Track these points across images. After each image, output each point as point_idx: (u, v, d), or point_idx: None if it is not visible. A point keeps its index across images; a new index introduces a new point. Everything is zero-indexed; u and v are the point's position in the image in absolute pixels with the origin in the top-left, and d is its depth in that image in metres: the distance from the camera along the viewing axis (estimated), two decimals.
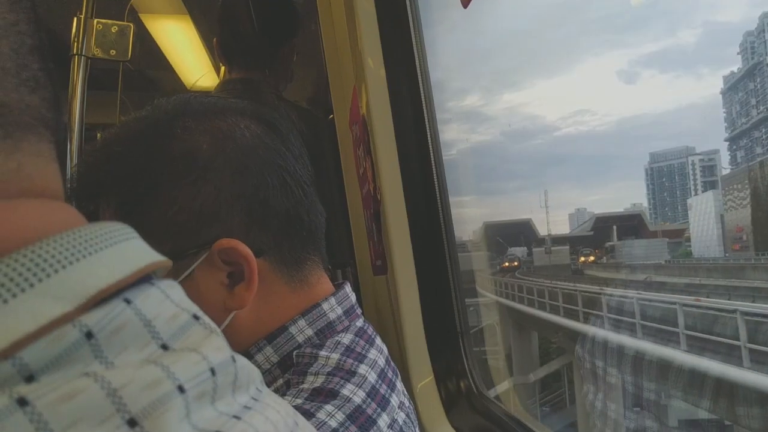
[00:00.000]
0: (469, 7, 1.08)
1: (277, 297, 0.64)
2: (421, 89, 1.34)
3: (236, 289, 0.60)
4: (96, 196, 0.61)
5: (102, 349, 0.23)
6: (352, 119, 1.51)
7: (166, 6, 2.11)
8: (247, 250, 0.59)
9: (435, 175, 1.34)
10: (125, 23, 1.53)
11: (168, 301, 0.28)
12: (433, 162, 1.35)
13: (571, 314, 13.13)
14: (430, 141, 1.35)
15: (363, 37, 1.34)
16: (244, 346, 0.63)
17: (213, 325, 0.31)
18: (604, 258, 55.29)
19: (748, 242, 60.63)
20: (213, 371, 0.27)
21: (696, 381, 8.01)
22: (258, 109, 0.69)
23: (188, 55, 2.30)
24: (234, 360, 0.29)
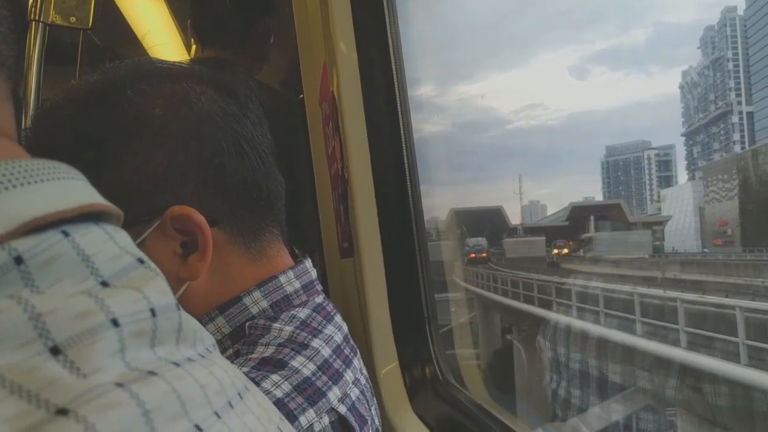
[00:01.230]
0: None
1: (233, 268, 0.62)
2: (393, 67, 1.31)
3: (190, 259, 0.57)
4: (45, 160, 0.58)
5: (33, 277, 0.23)
6: (322, 96, 1.47)
7: None
8: (201, 218, 0.56)
9: (405, 157, 1.31)
10: None
11: (112, 242, 0.27)
12: (404, 144, 1.31)
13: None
14: (401, 123, 1.32)
15: (335, 13, 1.30)
16: (196, 317, 0.60)
17: (157, 269, 0.30)
18: (582, 251, 50.79)
19: (733, 237, 56.84)
20: (153, 312, 0.26)
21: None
22: (216, 75, 0.66)
23: (158, 31, 2.23)
24: (179, 309, 0.29)
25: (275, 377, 0.53)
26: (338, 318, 0.69)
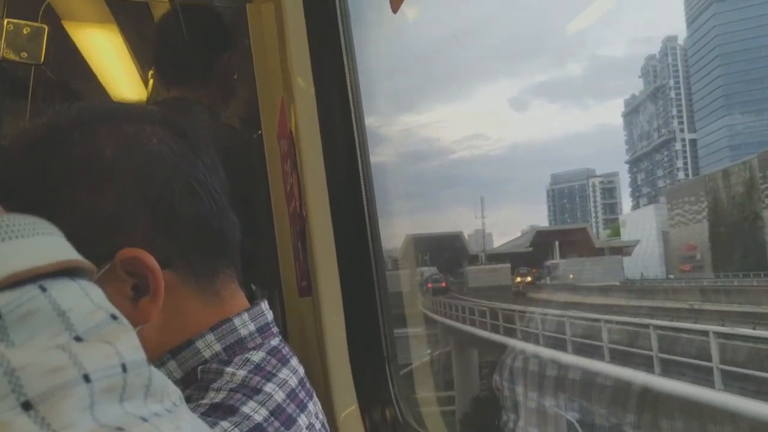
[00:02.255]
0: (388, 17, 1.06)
1: (186, 310, 0.61)
2: (351, 104, 1.31)
3: (141, 302, 0.56)
4: None
5: (8, 332, 0.23)
6: (280, 133, 1.46)
7: (90, 12, 2.02)
8: (152, 261, 0.55)
9: (364, 193, 1.31)
10: (39, 24, 1.45)
11: (86, 299, 0.28)
12: (362, 180, 1.31)
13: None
14: (360, 159, 1.32)
15: (292, 50, 1.30)
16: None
17: (130, 326, 0.30)
18: (548, 278, 47.89)
19: (702, 261, 53.42)
20: (124, 367, 0.26)
21: None
22: (167, 116, 0.66)
23: (114, 65, 2.20)
24: (149, 364, 0.29)
25: (225, 424, 0.52)
26: (294, 361, 0.67)
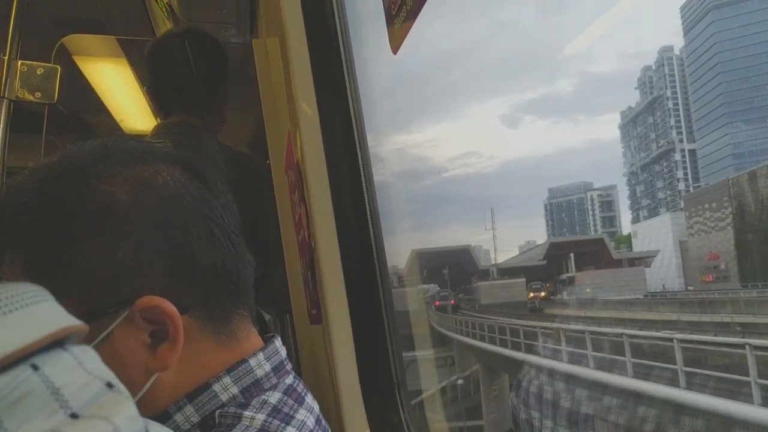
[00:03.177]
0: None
1: (202, 355, 0.60)
2: (356, 135, 1.33)
3: (159, 350, 0.56)
4: (1, 250, 0.56)
5: (1, 419, 0.22)
6: (288, 164, 1.49)
7: (101, 48, 2.07)
8: (171, 308, 0.55)
9: (370, 222, 1.32)
10: (52, 65, 1.49)
11: (80, 369, 0.28)
12: (368, 210, 1.33)
13: None
14: (365, 188, 1.34)
15: (297, 82, 1.33)
16: (163, 405, 0.58)
17: (127, 392, 0.30)
18: (564, 293, 45.00)
19: (727, 271, 50.14)
20: None
21: None
22: (182, 155, 0.65)
23: (125, 98, 2.25)
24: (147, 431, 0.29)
25: None
26: (309, 398, 0.67)
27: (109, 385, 0.29)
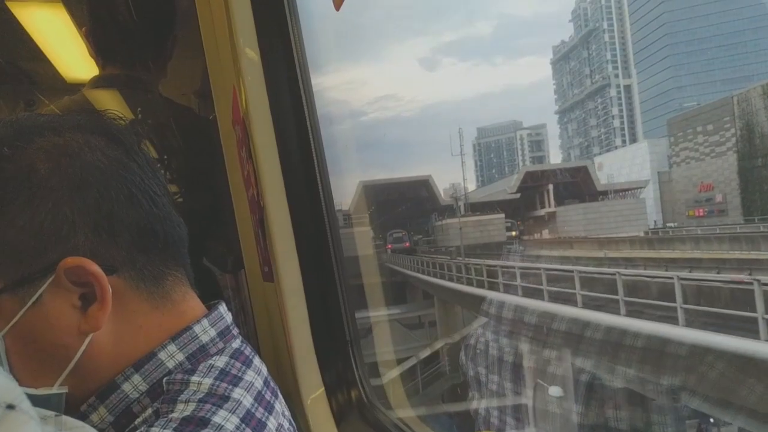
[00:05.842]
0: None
1: (137, 316, 0.61)
2: (301, 85, 1.28)
3: (90, 311, 0.57)
4: None
5: None
6: (235, 119, 1.43)
7: None
8: (96, 268, 0.56)
9: (318, 177, 1.29)
10: None
11: None
12: (316, 163, 1.30)
13: None
14: (312, 141, 1.30)
15: (239, 34, 1.27)
16: (108, 373, 0.59)
17: (32, 412, 0.30)
18: (545, 231, 40.36)
19: (724, 204, 42.65)
20: None
21: None
22: (98, 122, 0.65)
23: (64, 46, 2.12)
24: None
25: None
26: (257, 361, 0.68)
27: (10, 407, 0.28)
